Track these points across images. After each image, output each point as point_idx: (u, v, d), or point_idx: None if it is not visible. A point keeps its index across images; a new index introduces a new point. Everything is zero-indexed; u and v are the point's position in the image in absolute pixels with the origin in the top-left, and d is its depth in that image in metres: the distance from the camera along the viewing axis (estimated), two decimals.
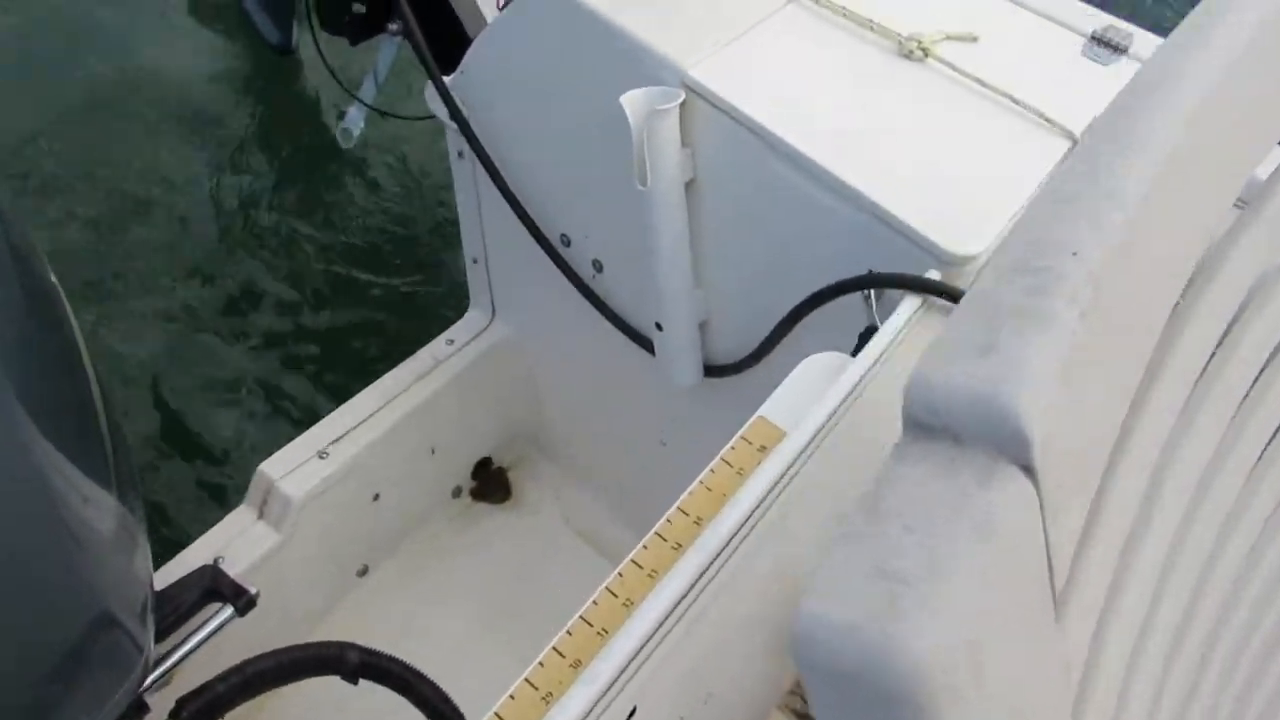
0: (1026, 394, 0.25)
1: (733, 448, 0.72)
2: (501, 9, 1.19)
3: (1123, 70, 1.01)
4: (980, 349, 0.25)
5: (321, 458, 1.20)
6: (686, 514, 0.68)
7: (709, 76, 0.89)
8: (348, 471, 1.20)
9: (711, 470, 0.70)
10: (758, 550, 0.64)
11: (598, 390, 1.28)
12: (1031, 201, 0.33)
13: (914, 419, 0.28)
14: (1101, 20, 1.05)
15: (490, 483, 1.41)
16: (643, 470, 1.28)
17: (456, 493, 1.40)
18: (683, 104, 0.88)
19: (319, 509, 1.18)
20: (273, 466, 1.18)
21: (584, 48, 0.96)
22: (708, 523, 0.65)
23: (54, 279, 0.89)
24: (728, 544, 0.62)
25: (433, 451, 1.32)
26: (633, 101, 0.89)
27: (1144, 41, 1.04)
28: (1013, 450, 0.26)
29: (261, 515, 1.17)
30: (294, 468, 1.18)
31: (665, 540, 0.66)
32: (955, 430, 0.27)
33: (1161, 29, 1.04)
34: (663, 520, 0.66)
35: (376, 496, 1.27)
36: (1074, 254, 0.26)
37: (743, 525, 0.64)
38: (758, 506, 0.65)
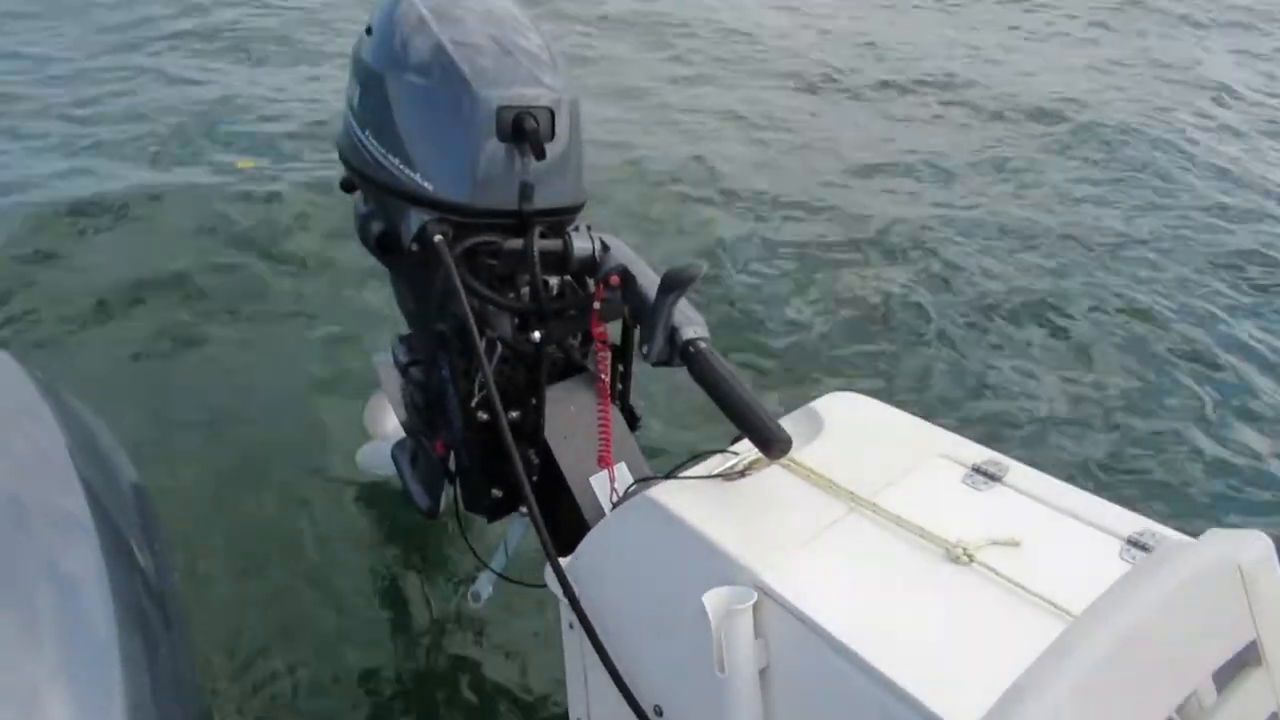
0: None
1: None
2: (615, 506, 1.42)
3: None
4: None
5: None
6: None
7: (780, 581, 1.05)
8: None
9: None
10: None
11: None
12: None
13: None
14: (1138, 524, 1.19)
15: None
16: None
17: None
18: (756, 604, 1.04)
19: None
20: None
21: (676, 549, 1.14)
22: None
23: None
24: None
25: None
26: (714, 599, 1.04)
27: (1172, 542, 1.16)
28: None
29: None
30: None
31: None
32: None
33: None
34: None
35: None
36: None
37: None
38: None
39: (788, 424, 1.29)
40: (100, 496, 0.85)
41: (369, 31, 1.52)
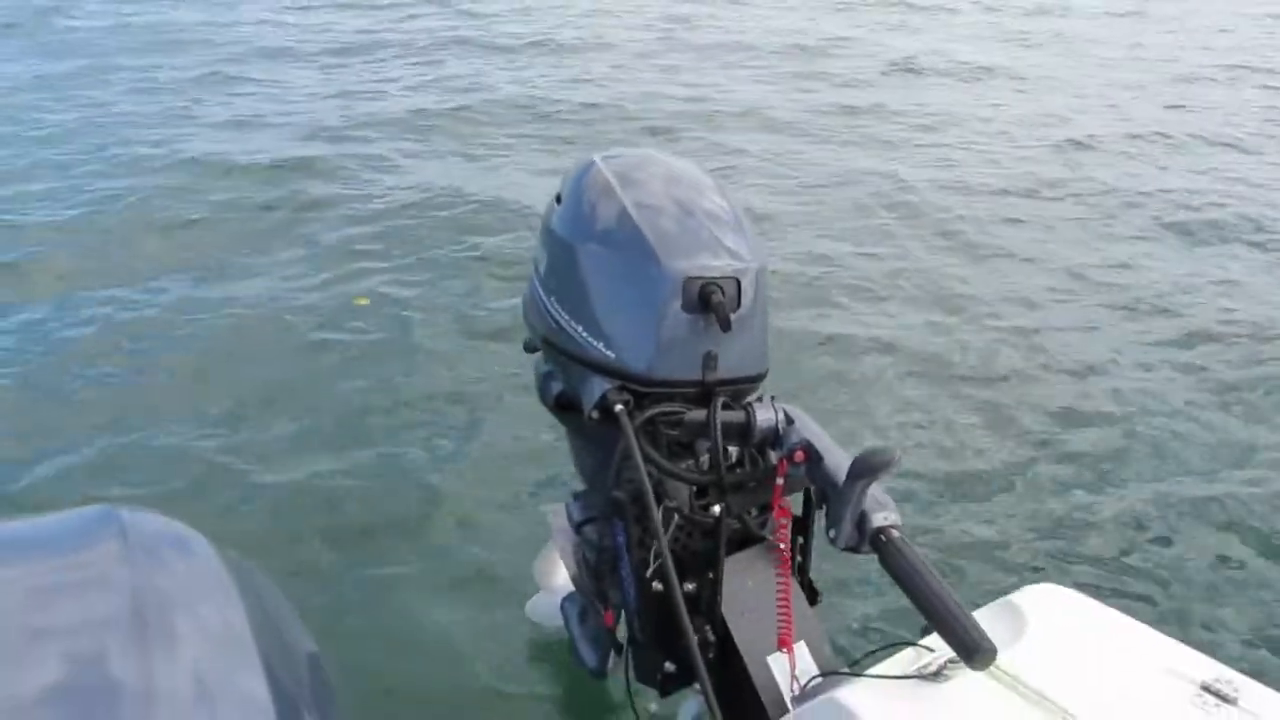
0: None
1: None
2: (796, 695, 1.33)
3: None
4: None
5: None
6: None
7: None
8: None
9: None
10: None
11: None
12: None
13: None
14: None
15: None
16: None
17: None
18: None
19: None
20: None
21: None
22: None
23: None
24: None
25: None
26: None
27: None
28: None
29: None
30: None
31: None
32: None
33: None
34: None
35: None
36: None
37: None
38: None
39: (984, 619, 1.19)
40: (278, 672, 0.86)
41: (558, 200, 1.56)
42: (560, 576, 2.23)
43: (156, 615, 0.83)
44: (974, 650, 1.05)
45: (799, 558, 1.53)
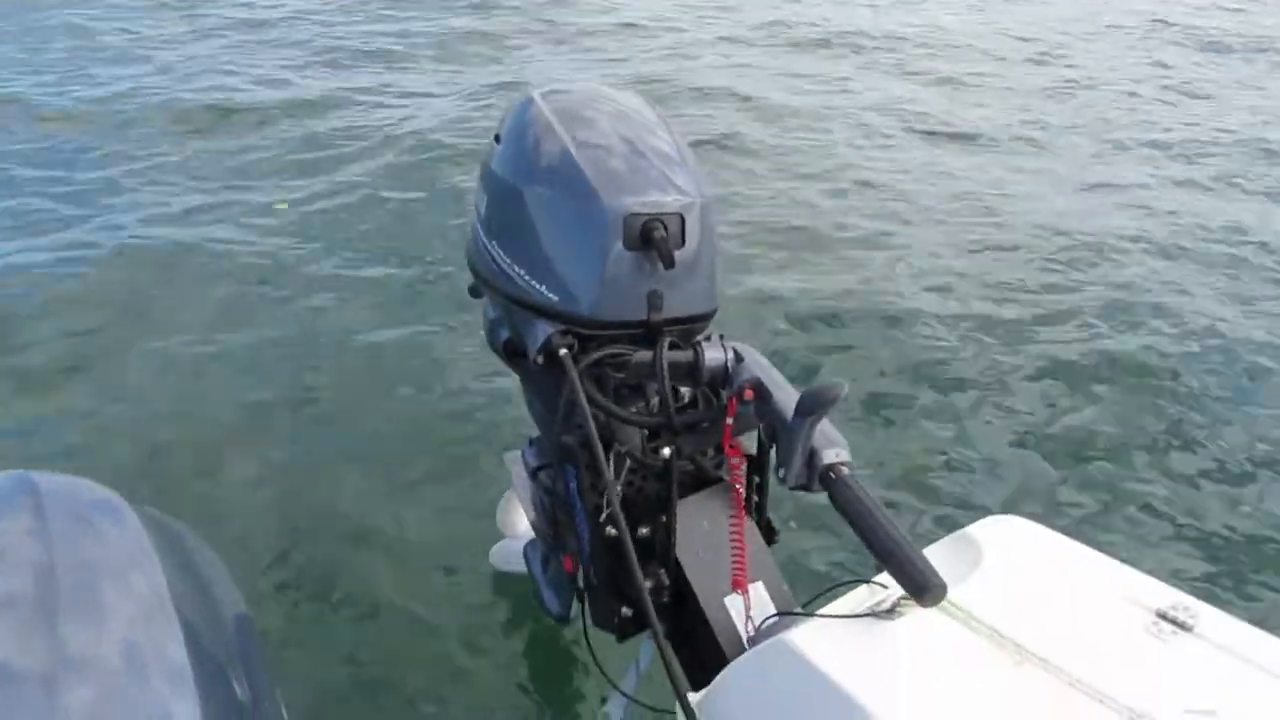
0: None
1: None
2: (752, 636, 1.32)
3: None
4: None
5: None
6: None
7: None
8: None
9: None
10: None
11: None
12: None
13: None
14: None
15: None
16: None
17: None
18: None
19: None
20: None
21: (823, 706, 1.03)
22: None
23: None
24: None
25: None
26: None
27: None
28: None
29: None
30: None
31: None
32: None
33: None
34: None
35: None
36: None
37: None
38: None
39: (940, 551, 1.18)
40: (201, 637, 0.85)
41: (497, 139, 1.50)
42: (522, 523, 2.21)
43: (71, 589, 0.80)
44: (922, 588, 1.04)
45: (755, 497, 1.51)
